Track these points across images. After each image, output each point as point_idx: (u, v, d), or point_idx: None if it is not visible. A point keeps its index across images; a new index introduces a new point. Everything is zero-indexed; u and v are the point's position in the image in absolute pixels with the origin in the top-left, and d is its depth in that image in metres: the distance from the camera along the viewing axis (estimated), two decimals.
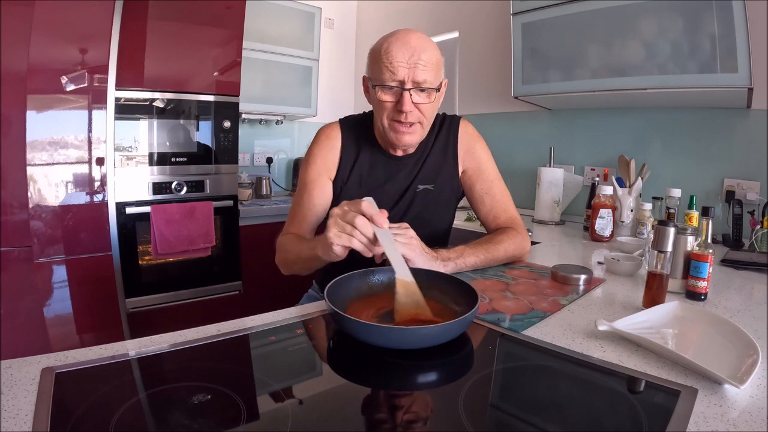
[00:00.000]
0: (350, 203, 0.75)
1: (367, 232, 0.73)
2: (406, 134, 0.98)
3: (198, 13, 1.95)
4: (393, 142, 1.01)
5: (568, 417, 0.50)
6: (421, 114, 0.97)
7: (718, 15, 1.28)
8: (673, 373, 0.58)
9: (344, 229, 0.74)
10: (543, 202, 1.84)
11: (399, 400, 0.54)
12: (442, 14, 2.59)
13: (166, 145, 1.94)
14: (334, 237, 0.74)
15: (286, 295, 1.19)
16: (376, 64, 0.95)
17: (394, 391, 0.57)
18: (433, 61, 0.94)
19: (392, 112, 0.96)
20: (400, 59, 0.91)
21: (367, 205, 0.73)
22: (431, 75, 0.94)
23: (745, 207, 1.45)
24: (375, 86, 0.96)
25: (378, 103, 0.97)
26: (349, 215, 0.73)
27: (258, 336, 0.69)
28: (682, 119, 1.68)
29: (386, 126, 0.99)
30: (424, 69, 0.92)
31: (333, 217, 0.75)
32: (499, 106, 2.28)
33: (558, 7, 1.62)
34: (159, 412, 0.50)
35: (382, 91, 0.95)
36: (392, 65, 0.91)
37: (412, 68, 0.91)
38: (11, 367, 0.54)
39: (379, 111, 0.98)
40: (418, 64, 0.91)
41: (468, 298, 0.71)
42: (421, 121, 0.98)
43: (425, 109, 0.97)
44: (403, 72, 0.92)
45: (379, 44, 0.95)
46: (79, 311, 1.72)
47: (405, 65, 0.91)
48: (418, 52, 0.92)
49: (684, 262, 0.88)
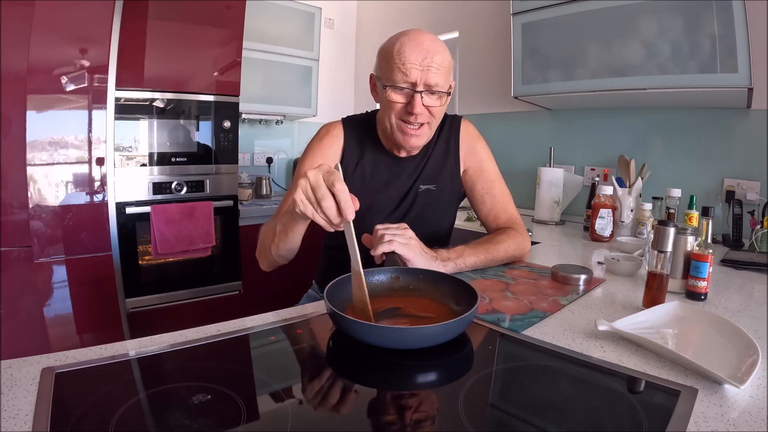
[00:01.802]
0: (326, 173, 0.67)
1: (332, 217, 0.67)
2: (413, 136, 0.98)
3: (198, 13, 1.95)
4: (399, 143, 1.00)
5: (568, 417, 0.50)
6: (430, 116, 0.97)
7: (718, 15, 1.28)
8: (673, 373, 0.58)
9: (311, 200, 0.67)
10: (543, 202, 1.84)
11: (400, 401, 0.54)
12: (442, 14, 2.59)
13: (166, 145, 1.94)
14: (300, 203, 0.68)
15: (286, 295, 1.20)
16: (387, 63, 0.94)
17: (395, 392, 0.57)
18: (445, 65, 0.94)
19: (401, 113, 0.96)
20: (414, 61, 0.91)
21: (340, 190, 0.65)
22: (443, 78, 0.94)
23: (745, 207, 1.45)
24: (386, 86, 0.95)
25: (387, 102, 0.96)
26: (320, 192, 0.66)
27: (258, 336, 0.69)
28: (682, 119, 1.68)
29: (394, 125, 0.98)
30: (437, 72, 0.92)
31: (304, 179, 0.67)
32: (499, 106, 2.28)
33: (558, 7, 1.62)
34: (159, 412, 0.50)
35: (393, 92, 0.94)
36: (405, 66, 0.91)
37: (425, 71, 0.91)
38: (11, 367, 0.54)
39: (388, 110, 0.98)
40: (431, 67, 0.91)
41: (468, 298, 0.71)
42: (430, 122, 0.98)
43: (435, 111, 0.97)
44: (416, 74, 0.91)
45: (391, 43, 0.94)
46: (79, 311, 1.72)
47: (418, 67, 0.91)
48: (432, 55, 0.91)
49: (684, 262, 0.88)
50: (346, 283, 0.76)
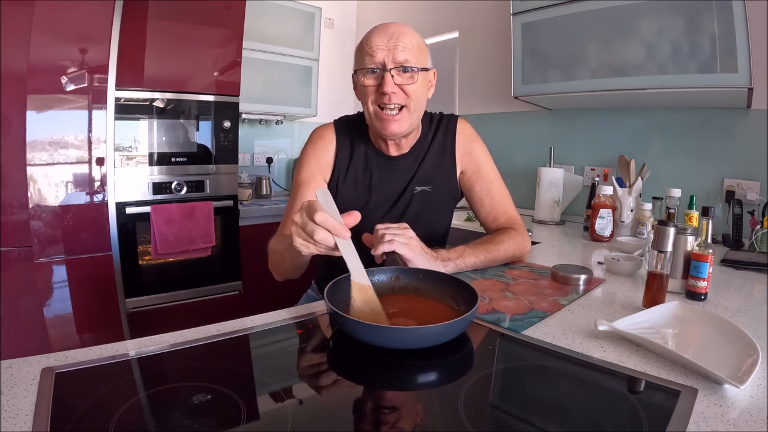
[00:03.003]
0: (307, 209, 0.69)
1: (329, 244, 0.69)
2: (392, 122, 0.96)
3: (198, 13, 1.95)
4: (380, 131, 0.99)
5: (568, 417, 0.50)
6: (406, 96, 0.95)
7: (718, 15, 1.28)
8: (673, 373, 0.58)
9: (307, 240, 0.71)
10: (543, 202, 1.84)
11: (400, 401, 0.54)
12: (442, 14, 2.59)
13: (166, 145, 1.94)
14: (301, 247, 0.71)
15: (286, 295, 1.19)
16: (359, 55, 0.97)
17: (395, 392, 0.57)
18: (414, 44, 0.95)
19: (376, 96, 0.96)
20: (379, 43, 0.93)
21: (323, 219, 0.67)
22: (412, 56, 0.94)
23: (745, 207, 1.45)
24: (357, 72, 0.97)
25: (362, 89, 0.98)
26: (308, 228, 0.68)
27: (258, 336, 0.69)
28: (682, 119, 1.68)
29: (372, 113, 0.98)
30: (404, 50, 0.93)
31: (294, 226, 0.71)
32: (499, 106, 2.28)
33: (558, 7, 1.62)
34: (159, 412, 0.50)
35: (364, 76, 0.95)
36: (371, 49, 0.93)
37: (391, 50, 0.93)
38: (11, 367, 0.54)
39: (364, 98, 0.98)
40: (397, 46, 0.93)
41: (468, 298, 0.71)
42: (407, 104, 0.96)
43: (410, 91, 0.95)
44: (382, 54, 0.93)
45: (362, 37, 0.98)
46: (79, 311, 1.72)
47: (384, 48, 0.93)
48: (397, 35, 0.93)
49: (684, 262, 0.88)
50: (346, 283, 0.76)
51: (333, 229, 0.67)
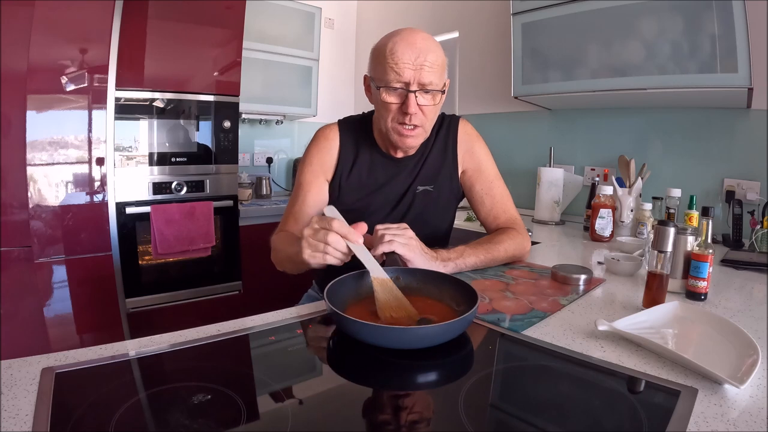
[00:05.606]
0: (319, 220, 0.77)
1: (341, 248, 0.75)
2: (409, 137, 0.97)
3: (198, 13, 1.95)
4: (396, 144, 1.00)
5: (568, 417, 0.50)
6: (424, 117, 0.96)
7: (718, 15, 1.28)
8: (673, 373, 0.58)
9: (317, 248, 0.75)
10: (543, 202, 1.84)
11: (400, 401, 0.54)
12: (442, 14, 2.59)
13: (166, 145, 1.94)
14: (309, 258, 0.76)
15: (286, 295, 1.19)
16: (380, 64, 0.93)
17: (395, 391, 0.57)
18: (439, 63, 0.93)
19: (397, 114, 0.95)
20: (406, 60, 0.90)
21: (338, 225, 0.74)
22: (436, 77, 0.93)
23: (745, 207, 1.45)
24: (379, 87, 0.94)
25: (382, 104, 0.96)
26: (320, 234, 0.75)
27: (258, 336, 0.69)
28: (682, 119, 1.68)
29: (389, 128, 0.97)
30: (430, 70, 0.91)
31: (305, 238, 0.76)
32: (499, 106, 2.28)
33: (558, 7, 1.62)
34: (159, 412, 0.50)
35: (386, 93, 0.93)
36: (398, 66, 0.90)
37: (418, 70, 0.90)
38: (11, 367, 0.54)
39: (383, 112, 0.97)
40: (424, 66, 0.90)
41: (468, 298, 0.71)
42: (424, 123, 0.97)
43: (428, 111, 0.96)
44: (409, 74, 0.90)
45: (383, 43, 0.93)
46: (79, 311, 1.72)
47: (411, 66, 0.90)
48: (424, 54, 0.90)
49: (684, 262, 0.88)
50: (346, 283, 0.76)
51: (347, 233, 0.74)
